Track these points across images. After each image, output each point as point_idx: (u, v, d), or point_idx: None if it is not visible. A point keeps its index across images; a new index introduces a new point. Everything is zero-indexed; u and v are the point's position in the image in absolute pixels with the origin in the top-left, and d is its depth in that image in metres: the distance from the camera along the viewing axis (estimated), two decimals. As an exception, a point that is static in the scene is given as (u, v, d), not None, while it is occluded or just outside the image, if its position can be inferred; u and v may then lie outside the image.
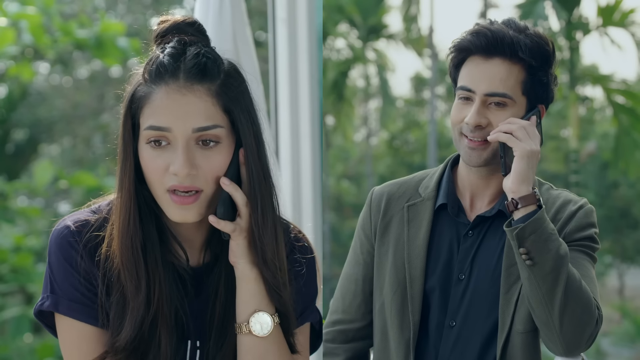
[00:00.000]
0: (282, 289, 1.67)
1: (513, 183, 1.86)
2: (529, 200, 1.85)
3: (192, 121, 1.60)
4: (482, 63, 1.95)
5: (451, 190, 2.04)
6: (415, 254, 2.03)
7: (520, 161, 1.87)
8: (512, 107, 1.94)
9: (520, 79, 1.94)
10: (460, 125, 1.96)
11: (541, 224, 1.83)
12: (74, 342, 1.66)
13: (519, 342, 1.94)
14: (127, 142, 1.64)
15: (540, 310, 1.87)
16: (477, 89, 1.94)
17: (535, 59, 1.94)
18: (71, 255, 1.66)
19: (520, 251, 1.84)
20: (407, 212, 2.07)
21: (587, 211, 2.00)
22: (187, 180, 1.61)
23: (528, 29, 1.97)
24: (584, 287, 1.87)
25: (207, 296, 1.71)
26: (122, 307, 1.65)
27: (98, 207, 1.72)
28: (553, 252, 1.83)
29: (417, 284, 2.01)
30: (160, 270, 1.66)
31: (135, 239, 1.64)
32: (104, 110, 13.56)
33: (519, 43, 1.93)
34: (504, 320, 1.95)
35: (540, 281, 1.84)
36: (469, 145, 1.95)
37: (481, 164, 1.96)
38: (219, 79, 1.63)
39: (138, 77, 1.65)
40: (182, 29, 1.67)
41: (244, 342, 1.67)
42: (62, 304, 1.65)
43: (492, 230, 1.99)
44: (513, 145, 1.87)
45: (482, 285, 1.98)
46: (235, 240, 1.66)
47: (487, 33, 1.94)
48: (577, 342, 1.88)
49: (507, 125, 1.90)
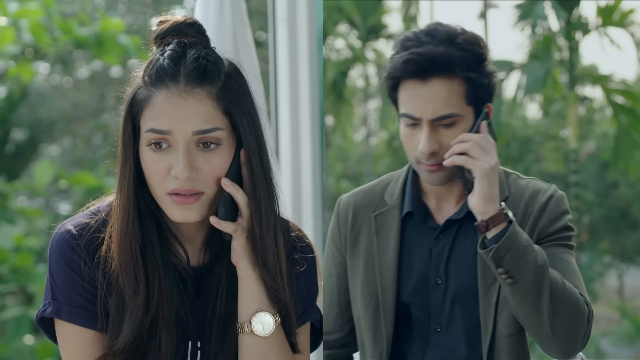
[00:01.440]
0: (281, 292, 1.67)
1: (479, 204, 1.80)
2: (499, 219, 1.79)
3: (193, 124, 1.60)
4: (420, 87, 1.86)
5: (416, 195, 1.99)
6: (386, 265, 1.98)
7: (482, 182, 1.80)
8: (461, 122, 1.88)
9: (462, 92, 1.87)
10: (415, 154, 1.90)
11: (515, 240, 1.78)
12: (75, 347, 1.66)
13: (505, 346, 1.91)
14: (127, 144, 1.65)
15: (530, 321, 1.84)
16: (423, 116, 1.86)
17: (471, 68, 1.87)
18: (73, 259, 1.66)
19: (498, 271, 1.80)
20: (374, 222, 2.02)
21: (558, 199, 1.95)
22: (187, 184, 1.61)
23: (457, 36, 1.87)
24: (568, 288, 1.83)
25: (208, 296, 1.72)
26: (120, 310, 1.65)
27: (97, 208, 1.72)
28: (532, 264, 1.79)
29: (389, 296, 1.97)
30: (160, 271, 1.66)
31: (134, 241, 1.64)
32: (104, 110, 13.55)
33: (452, 59, 1.85)
34: (486, 323, 1.91)
35: (525, 295, 1.80)
36: (427, 170, 1.90)
37: (443, 182, 1.92)
38: (219, 81, 1.64)
39: (138, 80, 1.65)
40: (181, 30, 1.67)
41: (245, 342, 1.67)
42: (64, 310, 1.66)
43: (462, 231, 1.95)
44: (471, 166, 1.82)
45: (460, 287, 1.94)
46: (237, 241, 1.66)
47: (418, 59, 1.85)
48: (573, 344, 1.85)
49: (460, 146, 1.84)
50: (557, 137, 19.19)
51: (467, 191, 1.84)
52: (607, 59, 22.53)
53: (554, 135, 19.24)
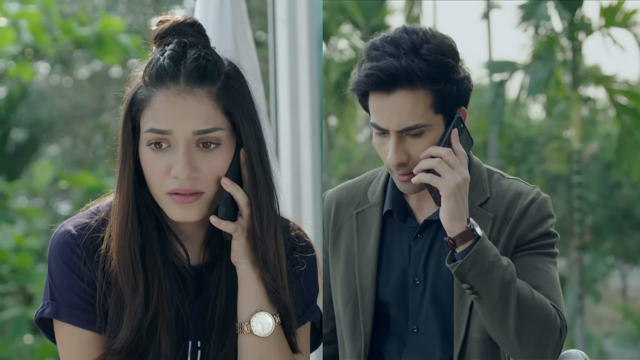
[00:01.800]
0: (281, 292, 1.67)
1: (446, 222, 1.78)
2: (466, 237, 1.77)
3: (193, 124, 1.60)
4: (385, 99, 1.82)
5: (397, 194, 1.97)
6: (365, 263, 1.96)
7: (448, 200, 1.77)
8: (429, 132, 1.84)
9: (428, 102, 1.82)
10: (387, 163, 1.88)
11: (481, 256, 1.76)
12: (74, 348, 1.66)
13: (476, 351, 1.89)
14: (127, 143, 1.64)
15: (498, 335, 1.82)
16: (389, 127, 1.83)
17: (437, 80, 1.82)
18: (73, 260, 1.65)
19: (463, 286, 1.79)
20: (356, 220, 2.00)
21: (540, 204, 1.91)
22: (187, 184, 1.61)
23: (422, 46, 1.82)
24: (538, 301, 1.80)
25: (208, 296, 1.71)
26: (119, 310, 1.65)
27: (97, 208, 1.72)
28: (497, 280, 1.77)
29: (368, 295, 1.95)
30: (159, 270, 1.66)
31: (133, 241, 1.64)
32: (104, 110, 13.56)
33: (414, 72, 1.80)
34: (459, 326, 1.89)
35: (490, 310, 1.79)
36: (399, 179, 1.88)
37: (417, 190, 1.89)
38: (219, 81, 1.63)
39: (138, 80, 1.65)
40: (181, 30, 1.67)
41: (245, 342, 1.67)
42: (63, 310, 1.65)
43: (441, 231, 1.89)
44: (436, 185, 1.79)
45: (438, 288, 1.92)
46: (237, 240, 1.66)
47: (379, 74, 1.81)
48: (542, 357, 1.82)
49: (426, 162, 1.80)
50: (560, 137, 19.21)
51: (438, 204, 1.82)
52: (610, 60, 22.47)
53: (557, 135, 19.26)
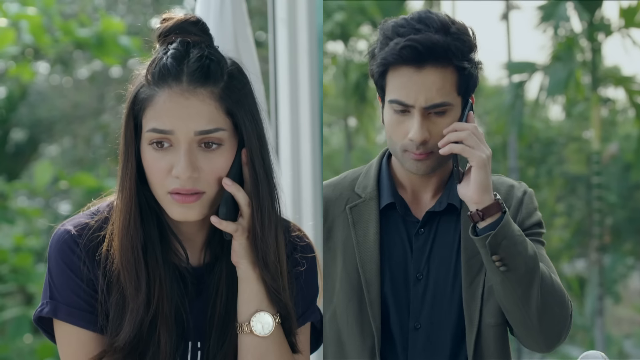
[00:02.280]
0: (282, 292, 1.68)
1: (475, 194, 1.78)
2: (494, 209, 1.78)
3: (195, 124, 1.60)
4: (414, 74, 1.83)
5: (394, 188, 1.95)
6: (367, 257, 1.94)
7: (479, 171, 1.78)
8: (451, 112, 1.85)
9: (454, 81, 1.85)
10: (402, 142, 1.86)
11: (510, 228, 1.78)
12: (73, 347, 1.66)
13: (492, 336, 1.89)
14: (129, 142, 1.65)
15: (517, 312, 1.83)
16: (416, 103, 1.83)
17: (467, 58, 1.86)
18: (72, 260, 1.66)
19: (493, 258, 1.78)
20: (350, 214, 1.97)
21: (531, 195, 1.96)
22: (188, 184, 1.61)
23: (450, 26, 1.85)
24: (555, 281, 1.84)
25: (208, 296, 1.72)
26: (121, 308, 1.65)
27: (97, 209, 1.72)
28: (524, 253, 1.79)
29: (374, 288, 1.92)
30: (161, 270, 1.67)
31: (136, 239, 1.65)
32: (104, 110, 13.55)
33: (450, 49, 1.83)
34: (470, 314, 1.89)
35: (516, 284, 1.80)
36: (415, 158, 1.86)
37: (429, 171, 1.89)
38: (222, 81, 1.63)
39: (141, 78, 1.65)
40: (185, 28, 1.67)
41: (245, 341, 1.67)
42: (61, 310, 1.66)
43: (443, 224, 1.92)
44: (468, 155, 1.79)
45: (442, 282, 1.91)
46: (238, 240, 1.66)
47: (417, 46, 1.82)
48: (558, 337, 1.85)
49: (455, 134, 1.81)
50: (580, 138, 19.09)
51: (458, 181, 1.82)
52: (629, 60, 22.38)
53: (577, 136, 19.15)
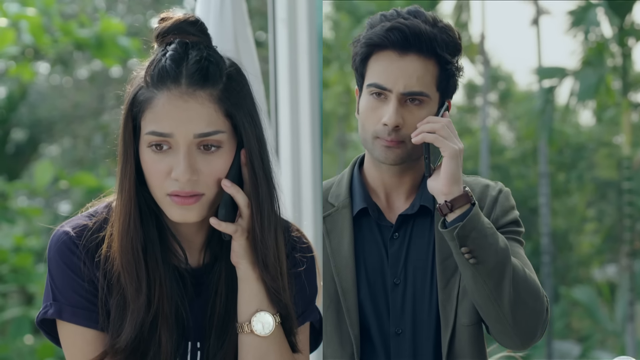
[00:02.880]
0: (281, 293, 1.67)
1: (444, 185, 1.77)
2: (463, 200, 1.77)
3: (194, 127, 1.60)
4: (397, 60, 1.84)
5: (366, 193, 1.94)
6: (342, 265, 1.92)
7: (451, 162, 1.78)
8: (428, 105, 1.85)
9: (435, 74, 1.85)
10: (375, 128, 1.86)
11: (479, 220, 1.77)
12: (78, 346, 1.66)
13: (466, 336, 1.87)
14: (128, 144, 1.64)
15: (489, 307, 1.81)
16: (394, 88, 1.84)
17: (450, 53, 1.86)
18: (72, 261, 1.66)
19: (462, 250, 1.77)
20: (324, 224, 1.96)
21: (507, 194, 1.94)
22: (188, 186, 1.61)
23: (438, 21, 1.88)
24: (529, 275, 1.82)
25: (208, 296, 1.72)
26: (122, 309, 1.65)
27: (95, 210, 1.72)
28: (495, 246, 1.77)
29: (350, 296, 1.91)
30: (161, 270, 1.66)
31: (136, 241, 1.64)
32: (104, 110, 13.55)
33: (436, 39, 1.84)
34: (446, 315, 1.87)
35: (486, 277, 1.78)
36: (386, 145, 1.86)
37: (398, 162, 1.88)
38: (221, 83, 1.63)
39: (139, 80, 1.64)
40: (183, 29, 1.66)
41: (245, 341, 1.67)
42: (66, 310, 1.65)
43: (417, 227, 1.91)
44: (441, 145, 1.79)
45: (420, 286, 1.90)
46: (237, 241, 1.66)
47: (404, 29, 1.84)
48: (533, 333, 1.83)
49: (429, 125, 1.81)
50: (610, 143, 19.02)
51: (428, 174, 1.82)
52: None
53: (607, 142, 19.08)
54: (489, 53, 21.78)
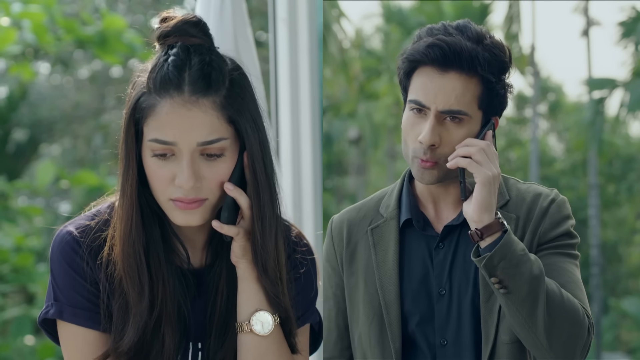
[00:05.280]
0: (281, 297, 1.67)
1: (475, 212, 1.74)
2: (494, 228, 1.74)
3: (197, 135, 1.59)
4: (437, 77, 1.81)
5: (413, 204, 1.92)
6: (387, 278, 1.91)
7: (482, 188, 1.74)
8: (468, 123, 1.82)
9: (477, 93, 1.81)
10: (413, 147, 1.84)
11: (509, 249, 1.73)
12: (78, 347, 1.66)
13: (505, 354, 1.84)
14: (130, 148, 1.64)
15: (525, 333, 1.78)
16: (432, 106, 1.80)
17: (493, 72, 1.82)
18: (75, 261, 1.66)
19: (492, 281, 1.75)
20: (371, 236, 1.95)
21: (560, 204, 1.89)
22: (191, 193, 1.61)
23: (485, 38, 1.83)
24: (566, 299, 1.77)
25: (209, 295, 1.72)
26: (124, 312, 1.65)
27: (97, 210, 1.72)
28: (526, 275, 1.74)
29: (393, 310, 1.89)
30: (163, 270, 1.66)
31: (138, 245, 1.64)
32: (104, 110, 13.56)
33: (477, 57, 1.80)
34: (487, 330, 1.84)
35: (519, 306, 1.75)
36: (421, 166, 1.84)
37: (433, 182, 1.85)
38: (224, 89, 1.62)
39: (141, 84, 1.63)
40: (185, 30, 1.64)
41: (244, 341, 1.67)
42: (67, 311, 1.65)
43: (463, 237, 1.87)
44: (474, 171, 1.76)
45: (465, 296, 1.87)
46: (238, 242, 1.66)
47: (444, 46, 1.80)
48: (571, 356, 1.79)
49: (465, 149, 1.78)
50: None
51: (464, 198, 1.79)
52: None
53: None
54: (539, 64, 21.64)
